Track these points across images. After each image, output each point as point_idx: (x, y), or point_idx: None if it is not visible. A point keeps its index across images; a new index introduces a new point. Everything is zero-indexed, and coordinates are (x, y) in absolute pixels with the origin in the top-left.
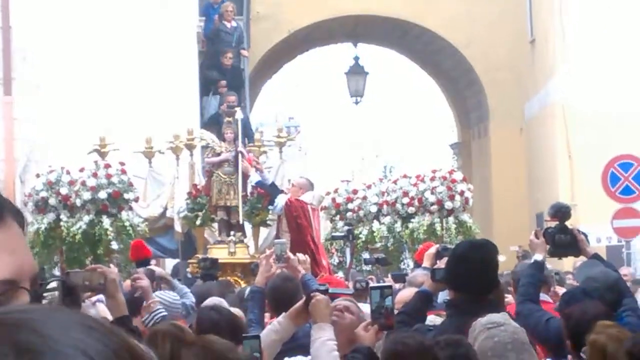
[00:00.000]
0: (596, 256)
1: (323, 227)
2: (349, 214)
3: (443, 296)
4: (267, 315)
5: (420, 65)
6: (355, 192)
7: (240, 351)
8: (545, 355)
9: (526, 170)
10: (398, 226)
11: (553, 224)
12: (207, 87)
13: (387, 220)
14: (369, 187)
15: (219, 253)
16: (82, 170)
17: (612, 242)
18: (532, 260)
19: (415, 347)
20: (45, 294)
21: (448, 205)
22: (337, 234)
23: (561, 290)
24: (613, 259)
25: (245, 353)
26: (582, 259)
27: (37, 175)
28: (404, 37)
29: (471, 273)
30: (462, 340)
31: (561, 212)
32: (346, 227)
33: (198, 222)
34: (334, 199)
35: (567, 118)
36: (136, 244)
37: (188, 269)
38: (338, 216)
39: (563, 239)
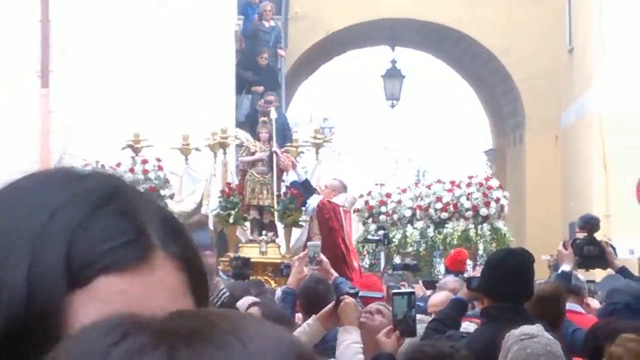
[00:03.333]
0: (623, 270)
1: (355, 230)
2: (382, 217)
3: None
4: (298, 316)
5: (457, 71)
6: (388, 195)
7: None
8: None
9: (561, 179)
10: (430, 231)
11: (582, 235)
12: (240, 86)
13: (419, 225)
14: (404, 191)
15: (250, 252)
16: (118, 165)
17: None
18: (559, 271)
19: (434, 355)
20: None
21: (483, 211)
22: (372, 237)
23: (593, 302)
24: None
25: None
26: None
27: (71, 167)
28: (442, 42)
29: (506, 281)
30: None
31: (590, 224)
32: (381, 231)
33: (230, 220)
34: (367, 202)
35: (603, 128)
36: None
37: (219, 267)
38: (371, 219)
39: (591, 251)
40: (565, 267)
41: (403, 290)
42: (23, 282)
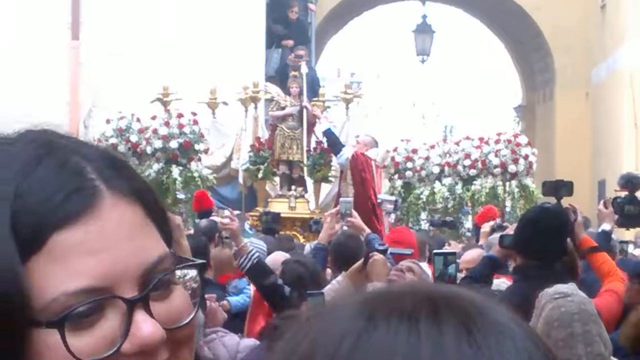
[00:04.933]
0: None
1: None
2: (408, 172)
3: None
4: (328, 272)
5: (488, 27)
6: (414, 151)
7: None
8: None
9: (590, 136)
10: (459, 188)
11: (622, 193)
12: (270, 40)
13: (447, 181)
14: (432, 147)
15: (279, 207)
16: (153, 118)
17: None
18: (599, 230)
19: None
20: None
21: (512, 168)
22: (385, 197)
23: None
24: None
25: None
26: None
27: (107, 121)
28: None
29: (540, 239)
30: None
31: (632, 183)
32: (394, 198)
33: (260, 175)
34: (393, 158)
35: (634, 86)
36: (199, 195)
37: (247, 222)
38: (397, 175)
39: (632, 210)
40: (606, 226)
41: (444, 250)
42: None
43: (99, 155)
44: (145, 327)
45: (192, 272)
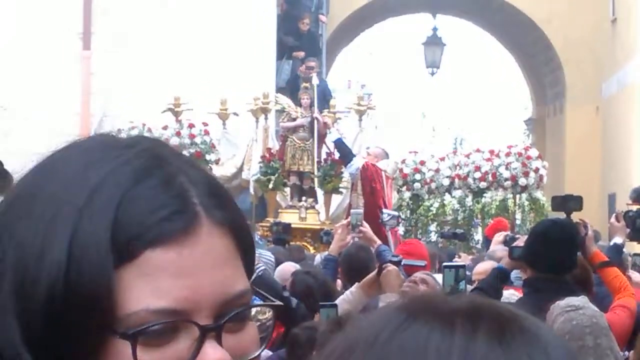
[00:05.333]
0: None
1: None
2: (416, 184)
3: (514, 273)
4: (339, 283)
5: (498, 39)
6: (422, 163)
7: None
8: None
9: (601, 150)
10: (469, 200)
11: (634, 207)
12: (281, 51)
13: (458, 194)
14: (442, 159)
15: (290, 218)
16: (165, 128)
17: None
18: (611, 243)
19: None
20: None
21: (522, 181)
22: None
23: (634, 274)
24: None
25: None
26: None
27: (119, 131)
28: (484, 9)
29: (550, 252)
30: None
31: None
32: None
33: (270, 185)
34: (401, 170)
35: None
36: None
37: (258, 232)
38: (405, 187)
39: None
40: (617, 239)
41: (454, 263)
42: (63, 256)
43: (202, 180)
44: (214, 356)
45: (269, 312)
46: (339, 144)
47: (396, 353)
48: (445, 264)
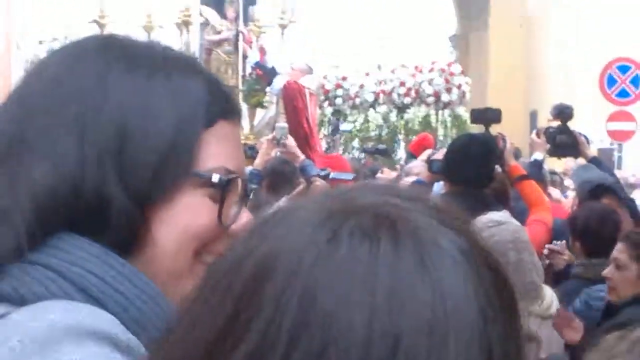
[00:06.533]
0: (595, 159)
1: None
2: (338, 100)
3: (438, 187)
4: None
5: None
6: (344, 78)
7: None
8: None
9: (524, 67)
10: (393, 116)
11: (554, 123)
12: None
13: (382, 109)
14: (367, 74)
15: None
16: None
17: (604, 145)
18: (531, 159)
19: None
20: None
21: (445, 97)
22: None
23: (554, 191)
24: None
25: None
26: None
27: (40, 42)
28: None
29: (469, 166)
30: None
31: (564, 113)
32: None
33: None
34: (322, 85)
35: (566, 18)
36: None
37: None
38: (327, 102)
39: (564, 140)
40: (538, 155)
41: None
42: (170, 112)
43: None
44: (245, 217)
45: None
46: (259, 66)
47: (325, 281)
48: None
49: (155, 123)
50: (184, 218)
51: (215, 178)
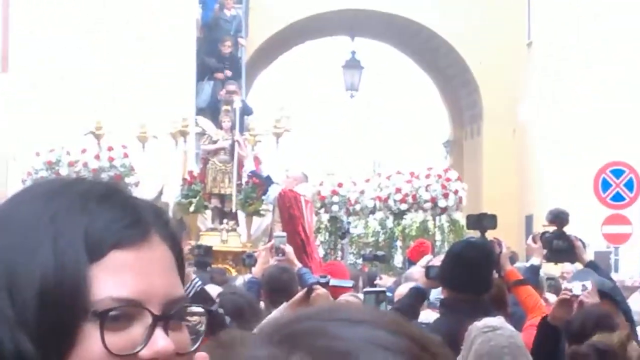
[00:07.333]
0: (592, 264)
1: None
2: (334, 207)
3: (435, 294)
4: (262, 305)
5: (417, 62)
6: (340, 185)
7: None
8: None
9: (517, 172)
10: (389, 222)
11: (550, 228)
12: (203, 73)
13: (379, 215)
14: (367, 181)
15: (211, 240)
16: (84, 151)
17: (600, 248)
18: (528, 265)
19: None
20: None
21: (442, 203)
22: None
23: (552, 297)
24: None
25: None
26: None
27: (37, 154)
28: (402, 33)
29: (466, 273)
30: None
31: (560, 218)
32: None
33: (191, 209)
34: (319, 192)
35: (559, 122)
36: None
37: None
38: (323, 209)
39: (560, 245)
40: (534, 260)
41: (375, 289)
42: (51, 256)
43: (147, 205)
44: (162, 341)
45: (203, 318)
46: (255, 175)
47: None
48: (365, 289)
49: (36, 268)
50: (83, 354)
51: (100, 308)
